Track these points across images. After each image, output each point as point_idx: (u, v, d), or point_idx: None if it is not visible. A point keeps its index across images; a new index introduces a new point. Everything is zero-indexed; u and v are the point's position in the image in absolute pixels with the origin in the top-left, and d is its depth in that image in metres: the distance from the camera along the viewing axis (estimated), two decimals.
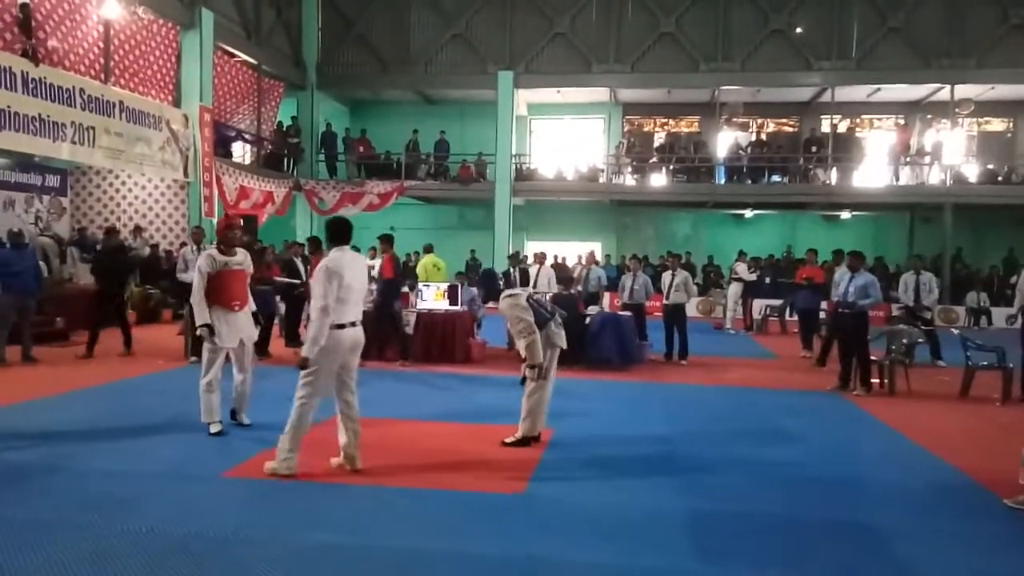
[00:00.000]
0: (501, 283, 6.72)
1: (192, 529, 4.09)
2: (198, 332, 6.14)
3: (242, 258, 6.30)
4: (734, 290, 16.28)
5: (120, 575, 3.51)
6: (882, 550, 4.12)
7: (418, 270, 12.86)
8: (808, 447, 6.40)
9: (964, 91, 19.83)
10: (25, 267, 9.63)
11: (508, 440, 6.02)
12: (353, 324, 5.08)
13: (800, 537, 4.28)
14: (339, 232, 5.18)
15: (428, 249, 13.12)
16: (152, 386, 8.37)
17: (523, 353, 5.92)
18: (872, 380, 8.90)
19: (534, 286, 11.80)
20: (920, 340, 9.77)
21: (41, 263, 11.45)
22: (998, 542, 4.32)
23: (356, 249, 5.48)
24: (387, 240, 10.65)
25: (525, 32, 20.81)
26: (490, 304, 6.86)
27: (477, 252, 21.23)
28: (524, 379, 6.01)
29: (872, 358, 8.95)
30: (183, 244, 12.82)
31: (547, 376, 6.07)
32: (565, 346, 6.24)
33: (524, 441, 6.00)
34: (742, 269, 16.18)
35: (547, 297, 8.54)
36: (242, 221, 7.13)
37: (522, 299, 5.96)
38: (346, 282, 4.92)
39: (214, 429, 6.10)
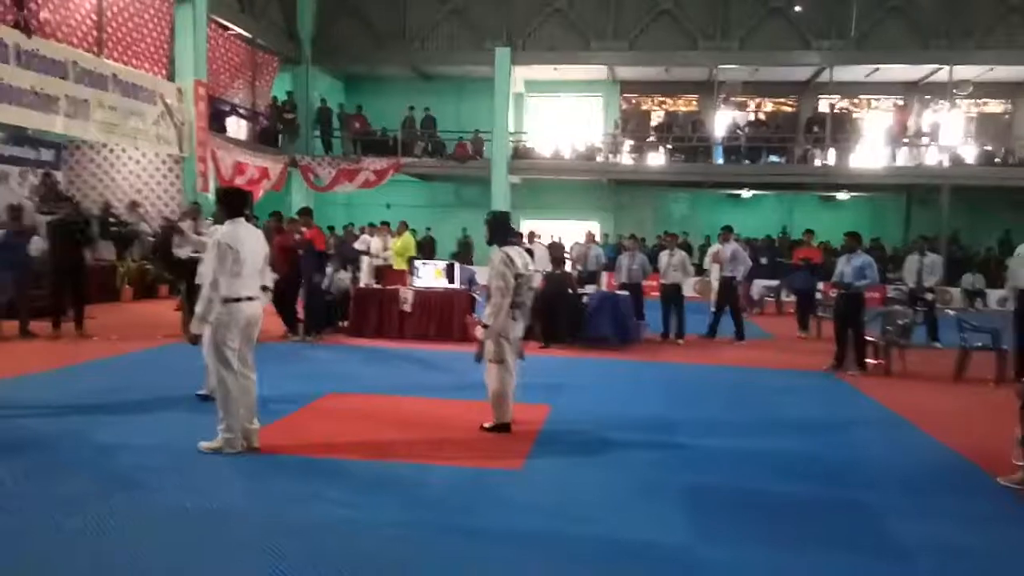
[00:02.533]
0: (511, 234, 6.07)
1: (191, 503, 4.10)
2: None
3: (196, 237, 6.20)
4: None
5: (118, 547, 3.53)
6: (875, 527, 4.16)
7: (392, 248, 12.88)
8: (803, 426, 6.44)
9: (963, 72, 19.78)
10: (21, 242, 9.59)
11: (486, 425, 5.82)
12: (250, 298, 4.94)
13: (794, 514, 4.32)
14: (234, 204, 5.02)
15: (404, 226, 13.14)
16: (151, 360, 8.38)
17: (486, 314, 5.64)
18: (867, 361, 8.95)
19: None
20: (917, 321, 9.82)
21: (36, 238, 11.39)
22: (989, 519, 4.37)
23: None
24: (307, 213, 10.55)
25: (523, 8, 20.62)
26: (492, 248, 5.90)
27: (469, 230, 21.23)
28: (479, 357, 5.73)
29: (868, 338, 9.00)
30: (180, 219, 12.73)
31: (508, 358, 5.71)
32: (520, 335, 5.84)
33: (502, 427, 5.77)
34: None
35: (536, 275, 8.26)
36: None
37: (515, 265, 5.64)
38: (242, 256, 4.80)
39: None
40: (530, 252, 12.77)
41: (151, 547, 3.55)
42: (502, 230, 5.87)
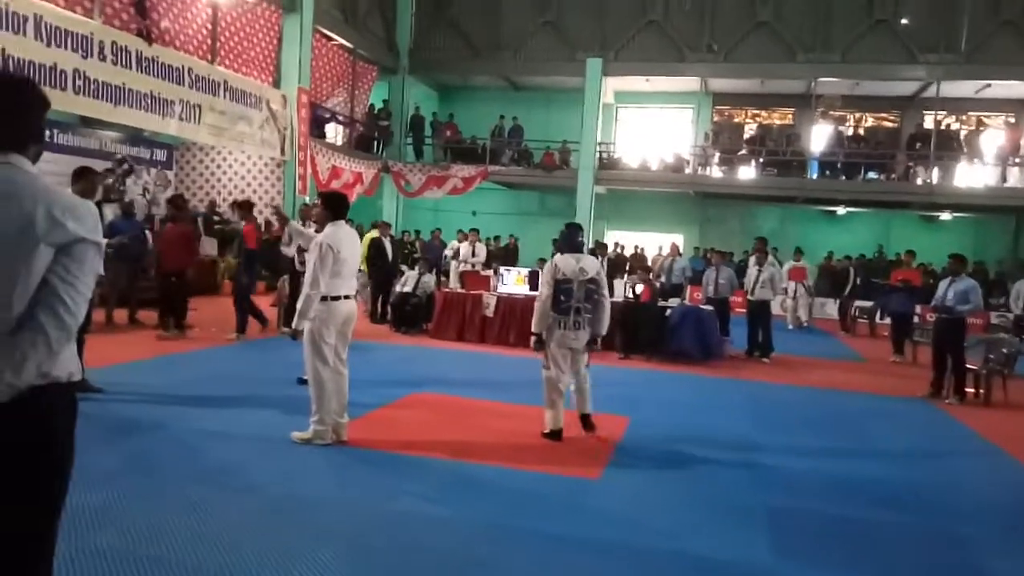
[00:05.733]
0: (581, 241, 6.07)
1: (284, 490, 4.31)
2: None
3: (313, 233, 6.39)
4: (793, 289, 15.84)
5: (216, 529, 3.74)
6: (969, 561, 4.00)
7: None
8: (895, 452, 6.22)
9: None
10: (133, 236, 10.25)
11: (544, 432, 5.85)
12: (347, 297, 5.21)
13: (883, 542, 4.19)
14: (337, 207, 5.29)
15: (375, 225, 13.10)
16: (249, 353, 8.80)
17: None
18: (967, 389, 8.54)
19: None
20: (1023, 350, 9.30)
21: (147, 232, 12.14)
22: None
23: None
24: (247, 207, 9.79)
25: (617, 19, 20.59)
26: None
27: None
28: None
29: (968, 366, 8.59)
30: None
31: (552, 367, 5.76)
32: (579, 347, 5.83)
33: (551, 434, 5.79)
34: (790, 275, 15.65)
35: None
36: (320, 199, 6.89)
37: (562, 271, 5.67)
38: (342, 256, 5.06)
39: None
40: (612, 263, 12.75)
41: (243, 527, 3.76)
42: (574, 239, 5.98)
